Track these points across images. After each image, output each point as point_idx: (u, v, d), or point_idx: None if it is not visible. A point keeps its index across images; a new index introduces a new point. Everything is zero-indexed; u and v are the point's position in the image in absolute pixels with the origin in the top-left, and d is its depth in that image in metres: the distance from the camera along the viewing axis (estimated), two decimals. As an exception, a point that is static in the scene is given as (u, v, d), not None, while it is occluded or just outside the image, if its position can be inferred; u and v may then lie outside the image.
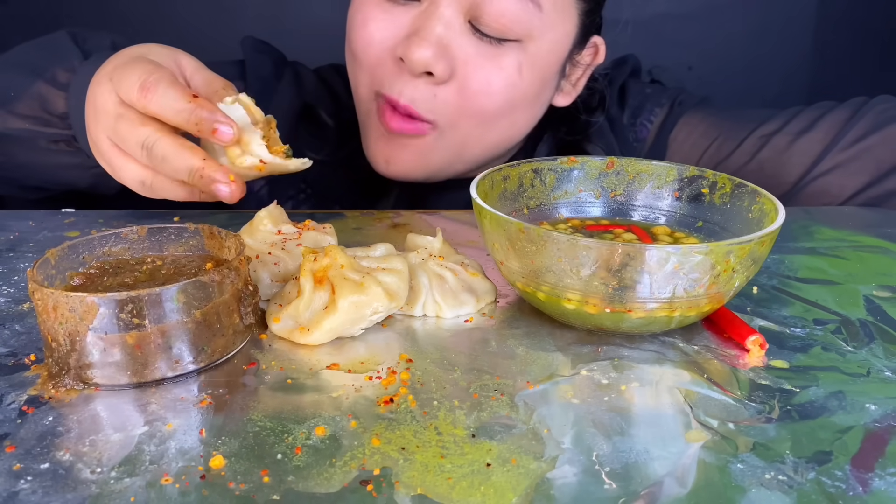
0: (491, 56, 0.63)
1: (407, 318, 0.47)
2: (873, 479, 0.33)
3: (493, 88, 0.64)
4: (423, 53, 0.61)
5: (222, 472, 0.33)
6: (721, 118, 0.79)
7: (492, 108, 0.65)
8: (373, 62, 0.65)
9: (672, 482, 0.32)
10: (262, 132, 0.48)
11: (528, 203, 0.53)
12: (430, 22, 0.62)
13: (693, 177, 0.53)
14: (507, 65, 0.64)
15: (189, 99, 0.46)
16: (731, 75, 1.29)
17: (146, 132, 0.48)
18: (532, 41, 0.64)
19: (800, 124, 0.74)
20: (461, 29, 0.63)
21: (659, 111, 0.81)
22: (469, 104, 0.64)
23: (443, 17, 0.62)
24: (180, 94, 0.47)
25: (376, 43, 0.64)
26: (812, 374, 0.41)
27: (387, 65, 0.65)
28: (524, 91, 0.66)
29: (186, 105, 0.46)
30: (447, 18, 0.62)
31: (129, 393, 0.38)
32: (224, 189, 0.47)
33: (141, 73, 0.48)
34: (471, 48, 0.63)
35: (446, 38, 0.62)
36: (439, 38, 0.62)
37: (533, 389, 0.39)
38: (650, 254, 0.39)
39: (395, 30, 0.64)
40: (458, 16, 0.62)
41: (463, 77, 0.63)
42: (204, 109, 0.46)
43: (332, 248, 0.44)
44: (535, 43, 0.64)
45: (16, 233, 0.59)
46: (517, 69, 0.64)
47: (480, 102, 0.65)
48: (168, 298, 0.38)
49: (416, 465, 0.33)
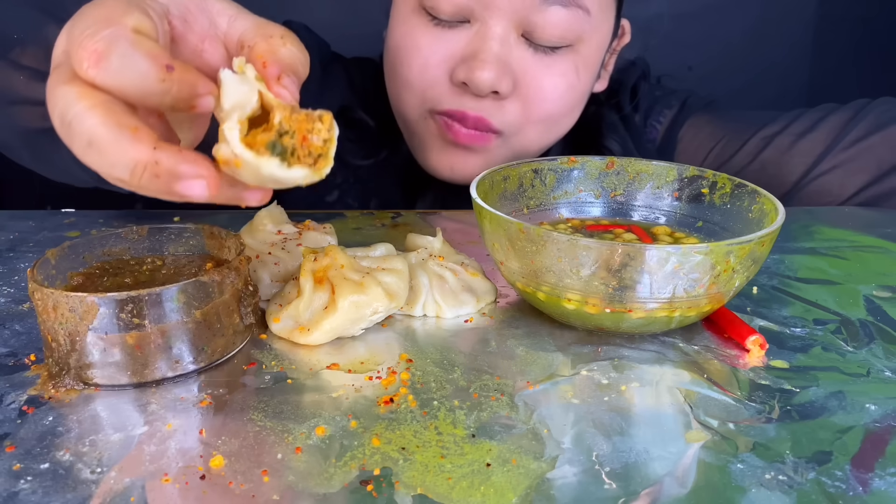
0: (548, 64, 0.65)
1: (407, 318, 0.47)
2: (873, 479, 0.33)
3: (556, 95, 0.66)
4: (487, 76, 0.62)
5: (222, 472, 0.33)
6: (726, 120, 0.80)
7: (556, 113, 0.67)
8: (427, 85, 0.66)
9: (672, 482, 0.32)
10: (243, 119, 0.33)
11: (528, 203, 0.53)
12: (487, 43, 0.62)
13: (693, 177, 0.53)
14: (566, 70, 0.65)
15: (161, 70, 0.31)
16: (731, 75, 1.28)
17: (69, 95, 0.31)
18: (583, 43, 0.65)
19: (802, 125, 0.74)
20: (516, 43, 0.64)
21: (668, 112, 0.82)
22: (534, 113, 0.66)
23: (497, 36, 0.63)
24: (148, 64, 0.31)
25: (432, 67, 0.65)
26: (812, 375, 0.41)
27: (443, 86, 0.65)
28: (582, 91, 0.68)
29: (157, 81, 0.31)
30: (502, 36, 0.63)
31: (129, 393, 0.38)
32: (196, 187, 0.32)
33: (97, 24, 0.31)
34: (528, 60, 0.64)
35: (504, 55, 0.63)
36: (498, 57, 0.62)
37: (533, 389, 0.39)
38: (650, 254, 0.39)
39: (447, 53, 0.64)
40: (512, 31, 0.63)
41: (525, 89, 0.65)
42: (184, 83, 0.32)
43: (332, 248, 0.44)
44: (586, 45, 0.66)
45: (16, 233, 0.59)
46: (575, 72, 0.66)
47: (546, 109, 0.66)
48: (168, 298, 0.38)
49: (416, 465, 0.33)
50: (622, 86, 0.83)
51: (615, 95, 0.83)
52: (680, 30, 1.26)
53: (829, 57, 1.33)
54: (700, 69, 1.28)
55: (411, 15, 0.65)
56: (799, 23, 1.32)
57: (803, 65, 1.34)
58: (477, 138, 0.66)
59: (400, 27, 0.67)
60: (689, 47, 1.27)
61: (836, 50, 1.32)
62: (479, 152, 0.68)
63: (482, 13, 0.62)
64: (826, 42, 1.32)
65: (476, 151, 0.68)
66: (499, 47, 0.62)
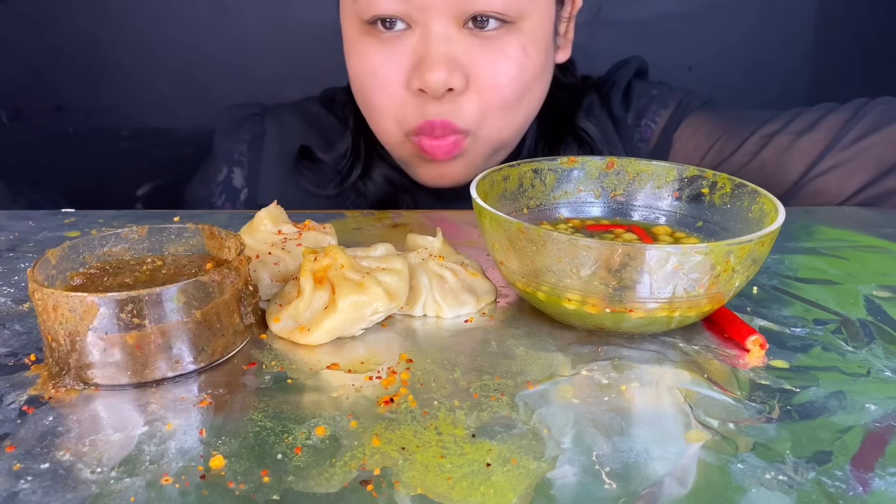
0: (494, 48, 0.65)
1: (407, 318, 0.47)
2: (873, 479, 0.33)
3: (508, 78, 0.66)
4: (437, 77, 0.63)
5: (222, 472, 0.33)
6: (724, 119, 0.79)
7: (511, 96, 0.67)
8: (395, 105, 0.67)
9: (672, 482, 0.32)
10: None
11: (528, 203, 0.53)
12: (431, 44, 0.63)
13: (693, 177, 0.53)
14: (512, 50, 0.65)
15: None
16: (731, 75, 1.28)
17: None
18: (526, 20, 0.65)
19: (801, 124, 0.74)
20: (458, 37, 0.64)
21: (664, 112, 0.82)
22: (490, 100, 0.66)
23: (440, 35, 0.63)
24: None
25: (390, 84, 0.66)
26: (812, 374, 0.41)
27: (406, 100, 0.66)
28: (534, 68, 0.68)
29: None
30: (444, 34, 0.64)
31: (129, 393, 0.38)
32: None
33: None
34: (474, 49, 0.64)
35: (450, 51, 0.64)
36: (444, 55, 0.63)
37: (533, 389, 0.39)
38: (650, 254, 0.39)
39: (399, 65, 0.65)
40: (452, 26, 0.64)
41: (477, 79, 0.65)
42: None
43: (332, 248, 0.44)
44: (528, 21, 0.66)
45: (16, 233, 0.59)
46: (522, 51, 0.66)
47: (500, 95, 0.66)
48: (168, 298, 0.38)
49: (416, 465, 0.33)
50: (615, 85, 0.83)
51: (607, 93, 0.83)
52: (680, 30, 1.26)
53: (829, 58, 1.32)
54: (700, 69, 1.28)
55: (358, 39, 0.67)
56: (799, 23, 1.32)
57: (804, 65, 1.34)
58: (450, 149, 0.67)
59: (353, 53, 0.69)
60: (689, 47, 1.27)
61: (836, 50, 1.32)
62: (458, 158, 0.69)
63: (420, 16, 0.63)
64: (827, 42, 1.32)
65: (456, 158, 0.69)
66: (444, 45, 0.63)
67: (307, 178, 0.80)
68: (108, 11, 1.19)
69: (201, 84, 1.20)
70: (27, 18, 1.17)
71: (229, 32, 1.21)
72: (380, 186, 0.79)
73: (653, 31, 1.23)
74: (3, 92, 1.17)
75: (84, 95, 1.20)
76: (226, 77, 1.20)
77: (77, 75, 1.19)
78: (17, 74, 1.17)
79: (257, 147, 0.83)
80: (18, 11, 1.16)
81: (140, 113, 1.21)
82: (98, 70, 1.19)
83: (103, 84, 1.20)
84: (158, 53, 1.20)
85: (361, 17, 0.65)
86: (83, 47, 1.19)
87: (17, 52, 1.17)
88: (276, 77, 1.16)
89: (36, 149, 1.20)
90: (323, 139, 0.83)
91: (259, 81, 1.18)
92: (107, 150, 1.22)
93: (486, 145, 0.70)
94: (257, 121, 0.85)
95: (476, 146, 0.69)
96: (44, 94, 1.19)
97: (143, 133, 1.22)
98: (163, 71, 1.20)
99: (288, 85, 1.14)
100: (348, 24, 0.69)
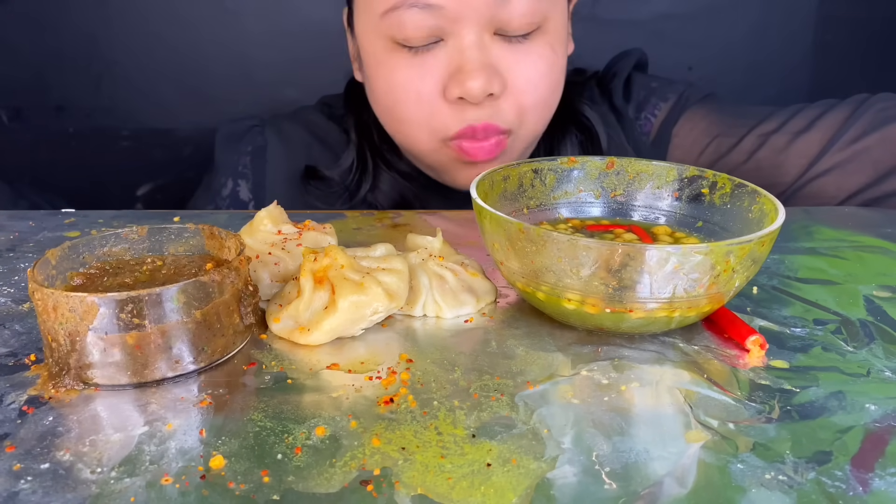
0: (526, 51, 0.66)
1: (407, 318, 0.47)
2: (873, 479, 0.33)
3: (541, 78, 0.67)
4: (478, 84, 0.63)
5: (222, 472, 0.33)
6: (723, 115, 0.79)
7: (547, 93, 0.69)
8: (429, 116, 0.67)
9: (672, 482, 0.32)
10: None
11: (528, 203, 0.53)
12: (466, 53, 0.64)
13: (693, 177, 0.53)
14: (543, 52, 0.67)
15: None
16: (731, 75, 1.28)
17: None
18: (550, 21, 0.67)
19: (799, 123, 0.73)
20: (491, 43, 0.65)
21: (663, 105, 0.81)
22: (528, 101, 0.67)
23: (473, 44, 0.64)
24: None
25: (426, 96, 0.66)
26: (812, 375, 0.41)
27: (443, 110, 0.66)
28: (561, 65, 0.70)
29: None
30: (477, 42, 0.64)
31: (129, 393, 0.38)
32: None
33: None
34: (507, 55, 0.66)
35: (485, 58, 0.64)
36: (481, 62, 0.64)
37: (533, 389, 0.39)
38: (650, 254, 0.39)
39: (435, 77, 0.65)
40: (484, 34, 0.64)
41: (513, 82, 0.66)
42: None
43: (332, 248, 0.44)
44: (552, 21, 0.67)
45: (16, 233, 0.59)
46: (552, 51, 0.67)
47: (538, 95, 0.68)
48: (168, 298, 0.38)
49: (416, 465, 0.33)
50: (616, 76, 0.83)
51: (607, 84, 0.83)
52: (680, 29, 1.26)
53: (829, 58, 1.32)
54: (700, 69, 1.28)
55: (387, 54, 0.67)
56: (799, 23, 1.32)
57: (804, 65, 1.34)
58: (493, 149, 0.67)
59: (380, 69, 0.68)
60: (689, 47, 1.27)
61: (836, 50, 1.32)
62: (500, 156, 0.69)
63: (452, 27, 0.64)
64: (827, 42, 1.32)
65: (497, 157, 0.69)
66: (478, 53, 0.64)
67: (316, 197, 0.80)
68: (107, 12, 1.19)
69: (202, 84, 1.20)
70: (27, 18, 1.17)
71: (230, 33, 1.21)
72: (389, 196, 0.79)
73: (652, 31, 1.23)
74: (3, 92, 1.17)
75: (84, 95, 1.20)
76: (227, 78, 1.20)
77: (77, 75, 1.19)
78: (17, 74, 1.17)
79: (260, 158, 0.83)
80: (18, 11, 1.16)
81: (140, 113, 1.21)
82: (98, 70, 1.19)
83: (103, 84, 1.20)
84: (159, 54, 1.20)
85: (392, 37, 0.65)
86: (83, 47, 1.19)
87: (17, 52, 1.17)
88: (278, 78, 1.16)
89: (36, 149, 1.20)
90: (327, 150, 0.82)
91: (260, 82, 1.18)
92: (107, 151, 1.22)
93: (523, 143, 0.71)
94: (258, 132, 0.84)
95: (515, 145, 0.70)
96: (44, 94, 1.19)
97: (143, 133, 1.22)
98: (163, 71, 1.20)
99: (289, 86, 1.14)
100: (372, 41, 0.68)
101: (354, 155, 0.79)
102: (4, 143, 1.19)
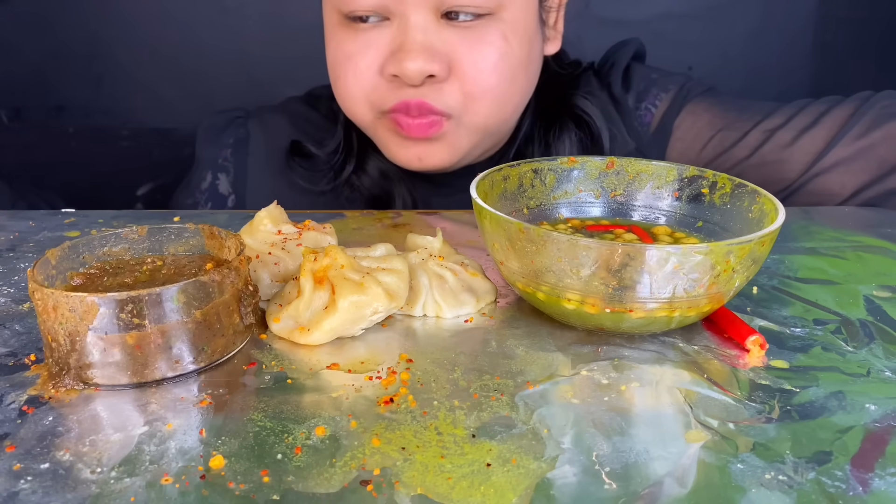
0: (475, 38, 0.65)
1: (407, 318, 0.47)
2: (873, 479, 0.33)
3: (489, 66, 0.66)
4: (414, 65, 0.63)
5: (222, 472, 0.33)
6: (726, 109, 0.78)
7: (495, 83, 0.67)
8: (367, 90, 0.68)
9: (672, 482, 0.32)
10: None
11: (528, 203, 0.53)
12: (409, 34, 0.64)
13: (693, 177, 0.53)
14: (493, 39, 0.66)
15: None
16: (731, 75, 1.28)
17: None
18: (505, 9, 0.66)
19: (804, 120, 0.73)
20: (438, 26, 0.65)
21: (664, 97, 0.80)
22: (473, 88, 0.66)
23: (418, 25, 0.64)
24: None
25: (364, 71, 0.67)
26: (812, 374, 0.41)
27: (381, 86, 0.67)
28: (517, 56, 0.68)
29: None
30: (423, 24, 0.64)
31: (129, 393, 0.38)
32: None
33: None
34: (454, 39, 0.65)
35: (428, 41, 0.64)
36: (422, 44, 0.64)
37: (533, 389, 0.39)
38: (650, 254, 0.39)
39: (376, 53, 0.66)
40: (430, 16, 0.64)
41: (459, 67, 0.65)
42: None
43: (332, 248, 0.44)
44: (508, 10, 0.66)
45: (16, 233, 0.59)
46: (504, 40, 0.66)
47: (483, 83, 0.67)
48: (168, 298, 0.38)
49: (416, 465, 0.33)
50: (615, 65, 0.82)
51: (606, 74, 0.82)
52: (680, 30, 1.26)
53: (829, 58, 1.32)
54: (700, 69, 1.28)
55: (337, 29, 0.68)
56: (799, 23, 1.32)
57: (804, 65, 1.34)
58: (427, 128, 0.67)
59: (330, 42, 0.70)
60: (689, 47, 1.27)
61: (836, 50, 1.32)
62: (439, 139, 0.69)
63: (397, 7, 0.64)
64: (827, 42, 1.32)
65: (436, 140, 0.69)
66: (422, 35, 0.64)
67: (300, 175, 0.80)
68: (107, 11, 1.19)
69: (202, 84, 1.20)
70: (27, 18, 1.17)
71: (230, 32, 1.21)
72: (374, 179, 0.78)
73: (652, 31, 1.23)
74: (3, 92, 1.17)
75: (84, 95, 1.20)
76: (226, 77, 1.20)
77: (77, 75, 1.19)
78: (17, 74, 1.17)
79: (242, 151, 0.83)
80: (18, 11, 1.16)
81: (140, 113, 1.21)
82: (98, 70, 1.19)
83: (103, 84, 1.20)
84: (159, 53, 1.20)
85: (340, 10, 0.66)
86: (83, 47, 1.19)
87: (17, 52, 1.17)
88: (277, 77, 1.16)
89: (36, 149, 1.20)
90: (311, 138, 0.82)
91: (260, 81, 1.18)
92: (107, 150, 1.22)
93: (472, 132, 0.70)
94: (240, 124, 0.85)
95: (459, 131, 0.69)
96: (44, 94, 1.19)
97: (143, 133, 1.22)
98: (163, 71, 1.20)
99: (288, 84, 1.13)
100: (327, 14, 0.70)
101: (342, 136, 0.79)
102: (4, 143, 1.19)
